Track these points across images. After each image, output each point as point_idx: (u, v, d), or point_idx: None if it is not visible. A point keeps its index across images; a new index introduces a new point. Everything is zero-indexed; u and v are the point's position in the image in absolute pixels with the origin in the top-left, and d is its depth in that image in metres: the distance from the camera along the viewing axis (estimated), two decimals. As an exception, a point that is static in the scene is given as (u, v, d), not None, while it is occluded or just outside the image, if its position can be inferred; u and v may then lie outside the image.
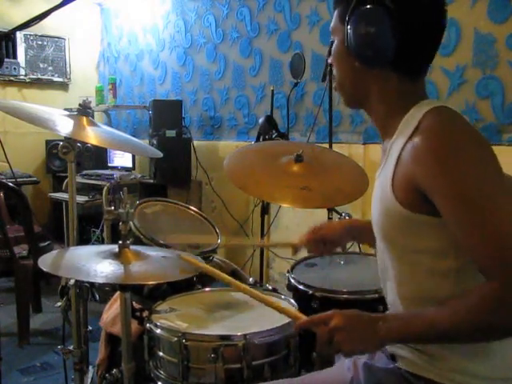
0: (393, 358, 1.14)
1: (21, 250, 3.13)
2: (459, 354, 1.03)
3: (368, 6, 1.03)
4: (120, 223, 1.46)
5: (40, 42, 4.90)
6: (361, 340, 1.02)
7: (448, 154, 0.95)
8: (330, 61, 1.18)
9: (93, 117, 1.83)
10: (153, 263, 1.48)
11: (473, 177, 0.95)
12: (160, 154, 1.98)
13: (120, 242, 1.46)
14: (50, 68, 4.99)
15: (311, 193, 1.79)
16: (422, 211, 1.01)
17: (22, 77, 4.79)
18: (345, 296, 1.60)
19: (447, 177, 0.95)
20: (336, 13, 1.13)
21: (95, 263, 1.39)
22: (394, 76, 1.09)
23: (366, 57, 1.06)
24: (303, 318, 1.12)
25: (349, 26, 1.06)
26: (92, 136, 1.72)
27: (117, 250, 1.45)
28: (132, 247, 1.48)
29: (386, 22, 1.02)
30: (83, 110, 1.79)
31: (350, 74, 1.13)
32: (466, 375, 1.04)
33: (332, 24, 1.15)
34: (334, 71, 1.17)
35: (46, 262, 1.40)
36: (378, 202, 1.12)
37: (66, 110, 1.96)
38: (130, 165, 4.41)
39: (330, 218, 2.66)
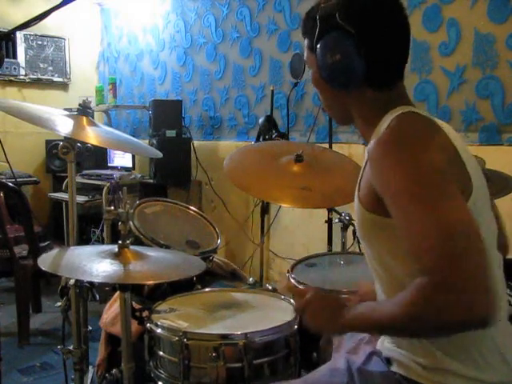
0: (388, 361, 1.15)
1: (21, 250, 3.13)
2: (456, 360, 1.03)
3: (330, 35, 1.07)
4: (120, 223, 1.46)
5: (40, 42, 4.90)
6: (325, 319, 1.10)
7: (392, 154, 0.97)
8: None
9: (93, 117, 1.83)
10: (153, 263, 1.48)
11: (411, 176, 0.94)
12: (160, 155, 1.98)
13: (120, 241, 1.46)
14: (50, 68, 4.99)
15: (311, 193, 1.80)
16: (382, 213, 1.01)
17: (21, 77, 4.79)
18: (344, 296, 1.60)
19: (390, 174, 0.96)
20: (305, 42, 1.16)
21: (95, 263, 1.39)
22: (369, 91, 1.11)
23: (338, 82, 1.11)
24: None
25: (317, 57, 1.10)
26: (92, 136, 1.72)
27: (116, 249, 1.45)
28: (132, 247, 1.48)
29: (349, 48, 1.05)
30: (83, 110, 1.79)
31: (330, 98, 1.18)
32: (460, 380, 1.03)
33: (304, 55, 1.18)
34: (320, 95, 1.21)
35: (45, 262, 1.41)
36: (355, 208, 1.14)
37: (65, 109, 1.96)
38: (129, 165, 4.40)
39: (329, 218, 2.67)
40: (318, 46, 1.09)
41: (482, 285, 0.86)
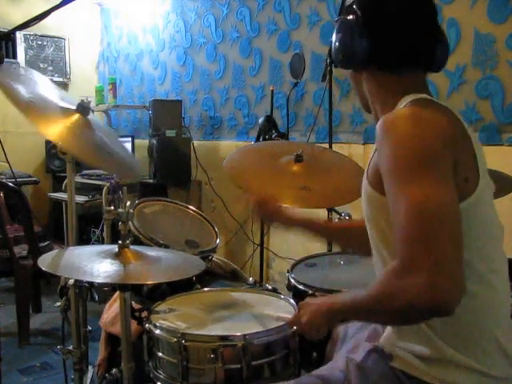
0: (389, 358, 1.14)
1: (21, 250, 3.13)
2: (457, 351, 1.03)
3: (341, 18, 1.16)
4: (120, 223, 1.46)
5: (40, 42, 4.90)
6: (318, 318, 1.14)
7: (389, 134, 1.00)
8: None
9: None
10: (153, 263, 1.48)
11: (398, 158, 0.96)
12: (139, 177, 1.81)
13: (119, 241, 1.46)
14: (50, 68, 4.99)
15: (311, 193, 1.79)
16: (384, 192, 1.02)
17: (21, 77, 4.79)
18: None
19: (384, 154, 0.99)
20: None
21: (95, 263, 1.39)
22: (379, 74, 1.16)
23: (342, 62, 1.18)
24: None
25: (332, 42, 1.18)
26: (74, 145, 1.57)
27: (116, 249, 1.45)
28: (132, 247, 1.48)
29: (351, 27, 1.13)
30: (82, 110, 1.78)
31: (352, 82, 1.25)
32: (460, 375, 1.04)
33: None
34: None
35: (45, 262, 1.41)
36: (363, 187, 1.16)
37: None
38: (129, 165, 4.40)
39: (329, 218, 2.67)
40: (335, 31, 1.17)
41: (448, 271, 0.85)
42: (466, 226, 0.95)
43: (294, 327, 1.32)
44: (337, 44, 1.16)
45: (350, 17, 1.13)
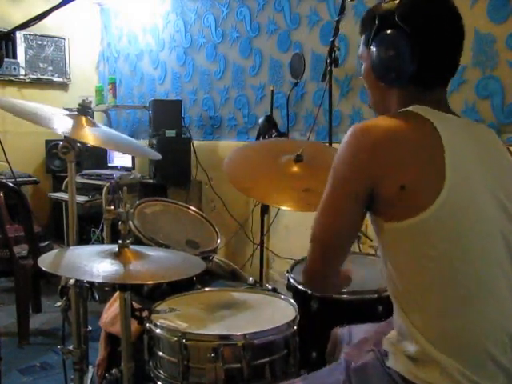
0: (386, 355, 1.15)
1: (21, 249, 3.12)
2: (440, 351, 1.03)
3: (387, 32, 1.14)
4: (120, 223, 1.46)
5: (40, 42, 4.90)
6: None
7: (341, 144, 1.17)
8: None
9: (92, 117, 1.83)
10: (153, 263, 1.48)
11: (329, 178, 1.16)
12: (159, 156, 1.98)
13: (119, 241, 1.46)
14: (50, 68, 4.99)
15: (313, 195, 1.78)
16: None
17: (21, 77, 4.79)
18: (344, 296, 1.60)
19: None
20: (362, 39, 1.25)
21: (95, 263, 1.39)
22: (410, 88, 1.18)
23: (387, 77, 1.18)
24: None
25: (371, 51, 1.18)
26: (90, 136, 1.71)
27: (116, 249, 1.45)
28: (132, 247, 1.48)
29: (403, 45, 1.12)
30: (83, 110, 1.79)
31: (378, 94, 1.26)
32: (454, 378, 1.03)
33: (360, 50, 1.26)
34: (368, 91, 1.30)
35: (45, 262, 1.40)
36: None
37: (65, 109, 1.95)
38: (129, 165, 4.40)
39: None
40: (374, 41, 1.17)
41: (318, 276, 1.19)
42: (431, 239, 1.03)
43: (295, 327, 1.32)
44: (387, 61, 1.15)
45: (400, 33, 1.12)
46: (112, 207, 1.52)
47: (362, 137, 1.12)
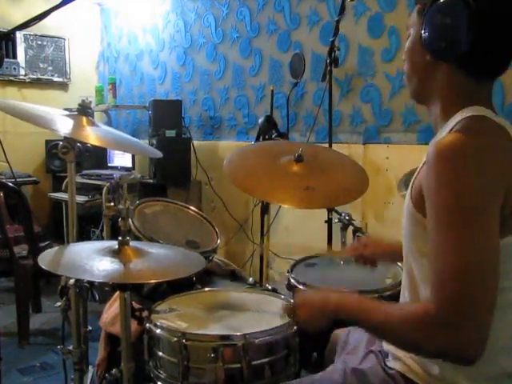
0: (386, 356, 1.14)
1: (20, 249, 3.13)
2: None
3: (449, 2, 1.03)
4: (119, 219, 1.46)
5: (40, 42, 4.90)
6: (315, 311, 1.17)
7: (443, 168, 0.96)
8: (403, 56, 1.18)
9: (92, 117, 1.83)
10: (153, 261, 1.48)
11: (450, 201, 0.94)
12: (160, 154, 1.98)
13: (119, 238, 1.45)
14: (50, 68, 4.99)
15: (314, 193, 1.79)
16: (425, 214, 1.00)
17: (21, 77, 4.79)
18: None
19: (435, 186, 0.96)
20: (416, 8, 1.13)
21: (95, 261, 1.38)
22: (460, 74, 1.08)
23: (437, 49, 1.06)
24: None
25: (426, 18, 1.06)
26: (91, 136, 1.71)
27: (116, 246, 1.45)
28: (131, 243, 1.47)
29: (461, 15, 1.01)
30: (83, 110, 1.79)
31: (420, 67, 1.13)
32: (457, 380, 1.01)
33: (410, 19, 1.16)
34: (405, 65, 1.18)
35: (45, 260, 1.40)
36: (405, 203, 1.13)
37: (65, 109, 1.95)
38: (129, 165, 4.41)
39: (329, 218, 2.67)
40: (433, 7, 1.05)
41: (478, 336, 0.89)
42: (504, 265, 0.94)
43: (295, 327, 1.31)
44: (440, 29, 1.04)
45: (461, 3, 1.01)
46: (112, 203, 1.51)
47: (481, 165, 0.95)
